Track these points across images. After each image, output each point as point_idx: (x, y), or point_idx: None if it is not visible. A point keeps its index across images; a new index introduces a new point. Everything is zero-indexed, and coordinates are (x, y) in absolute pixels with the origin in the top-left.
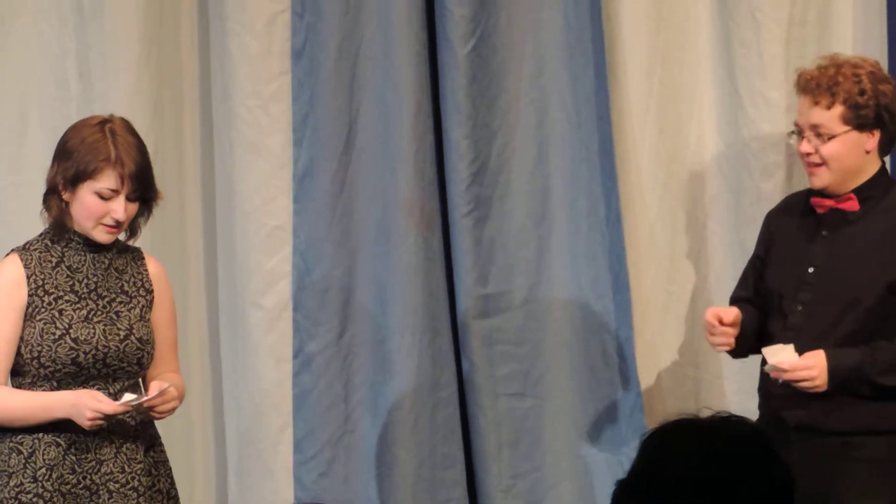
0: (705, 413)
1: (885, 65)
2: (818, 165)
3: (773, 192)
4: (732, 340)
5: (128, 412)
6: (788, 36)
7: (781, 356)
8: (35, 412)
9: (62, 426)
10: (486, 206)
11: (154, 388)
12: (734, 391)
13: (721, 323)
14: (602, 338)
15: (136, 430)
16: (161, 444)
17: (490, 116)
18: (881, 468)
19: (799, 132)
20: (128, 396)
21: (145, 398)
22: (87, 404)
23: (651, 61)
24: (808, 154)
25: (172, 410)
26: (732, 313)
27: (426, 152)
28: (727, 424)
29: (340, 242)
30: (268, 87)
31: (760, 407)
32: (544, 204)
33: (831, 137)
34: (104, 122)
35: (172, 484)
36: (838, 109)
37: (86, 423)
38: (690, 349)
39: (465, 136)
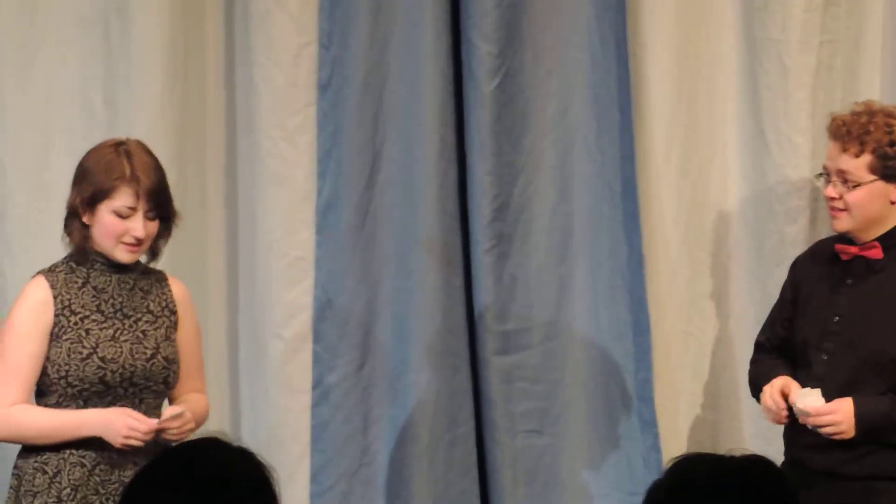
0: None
1: None
2: (841, 210)
3: (796, 237)
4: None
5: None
6: (815, 81)
7: (808, 400)
8: (65, 429)
9: (88, 446)
10: (507, 243)
11: (168, 412)
12: (752, 435)
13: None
14: (621, 378)
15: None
16: None
17: (514, 154)
18: None
19: (826, 175)
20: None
21: (162, 419)
22: (123, 422)
23: (676, 103)
24: (833, 199)
25: (188, 433)
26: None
27: (449, 188)
28: (747, 461)
29: (362, 275)
30: (293, 119)
31: (785, 452)
32: (566, 243)
33: (857, 185)
34: (118, 144)
35: None
36: (866, 158)
37: (118, 441)
38: (709, 392)
39: (489, 173)
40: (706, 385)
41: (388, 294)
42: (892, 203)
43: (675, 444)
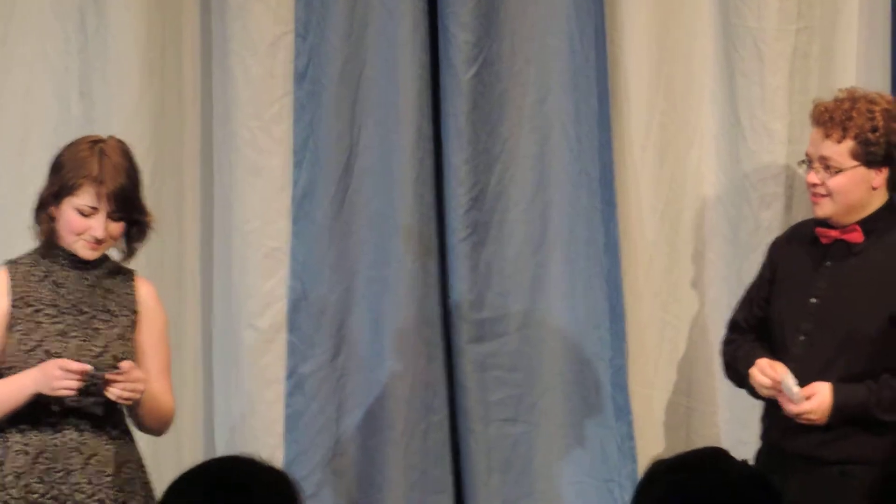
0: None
1: None
2: (823, 196)
3: (771, 223)
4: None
5: (90, 375)
6: (791, 67)
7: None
8: (12, 392)
9: (31, 428)
10: (483, 231)
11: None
12: (726, 420)
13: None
14: (596, 366)
15: (108, 444)
16: (139, 462)
17: (491, 142)
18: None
19: (808, 162)
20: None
21: (105, 372)
22: (55, 363)
23: (653, 90)
24: (815, 185)
25: (137, 394)
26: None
27: (426, 177)
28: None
29: (337, 265)
30: (269, 108)
31: (762, 436)
32: (542, 231)
33: (839, 171)
34: (96, 142)
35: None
36: (848, 144)
37: (54, 385)
38: (684, 378)
39: (466, 162)
40: (681, 371)
41: (363, 283)
42: (874, 189)
43: (649, 432)
